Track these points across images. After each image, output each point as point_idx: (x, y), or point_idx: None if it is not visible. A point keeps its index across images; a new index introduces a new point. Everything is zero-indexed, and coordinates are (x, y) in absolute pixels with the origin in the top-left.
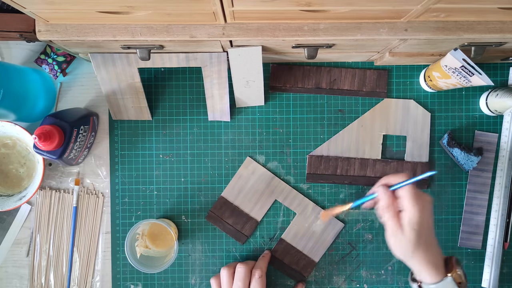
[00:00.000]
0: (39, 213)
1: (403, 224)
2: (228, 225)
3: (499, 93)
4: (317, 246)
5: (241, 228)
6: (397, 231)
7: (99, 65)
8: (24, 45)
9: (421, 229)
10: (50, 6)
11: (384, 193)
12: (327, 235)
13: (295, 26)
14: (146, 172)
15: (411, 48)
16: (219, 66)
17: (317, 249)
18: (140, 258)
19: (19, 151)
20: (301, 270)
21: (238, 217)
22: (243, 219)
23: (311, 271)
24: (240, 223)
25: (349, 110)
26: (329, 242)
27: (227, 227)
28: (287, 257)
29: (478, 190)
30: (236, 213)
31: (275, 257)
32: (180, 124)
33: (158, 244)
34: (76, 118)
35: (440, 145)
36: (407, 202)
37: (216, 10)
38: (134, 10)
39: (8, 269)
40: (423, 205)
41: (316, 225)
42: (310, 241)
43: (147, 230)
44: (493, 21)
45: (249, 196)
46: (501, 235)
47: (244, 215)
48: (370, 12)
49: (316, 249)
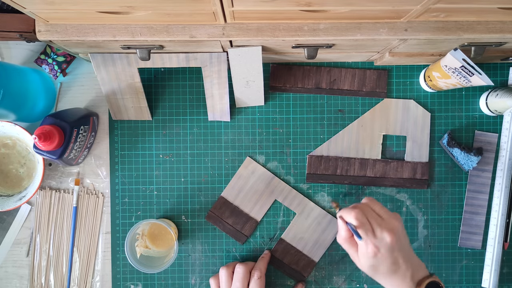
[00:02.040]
0: (39, 213)
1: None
2: (228, 225)
3: (499, 93)
4: (317, 246)
5: (241, 228)
6: (355, 259)
7: (99, 65)
8: (24, 45)
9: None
10: (50, 6)
11: (341, 227)
12: (327, 235)
13: (295, 26)
14: (146, 172)
15: (411, 48)
16: (219, 66)
17: (317, 249)
18: (140, 258)
19: (19, 151)
20: (301, 270)
21: (238, 217)
22: (243, 219)
23: (311, 271)
24: (240, 223)
25: (349, 110)
26: (329, 242)
27: (227, 227)
28: (287, 257)
29: (478, 190)
30: (236, 213)
31: (275, 257)
32: (180, 124)
33: (158, 244)
34: (76, 118)
35: (440, 145)
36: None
37: (216, 10)
38: (134, 10)
39: (8, 269)
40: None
41: (316, 226)
42: (310, 241)
43: (147, 230)
44: (493, 21)
45: (249, 196)
46: (501, 235)
47: (244, 215)
48: (370, 12)
49: (316, 249)
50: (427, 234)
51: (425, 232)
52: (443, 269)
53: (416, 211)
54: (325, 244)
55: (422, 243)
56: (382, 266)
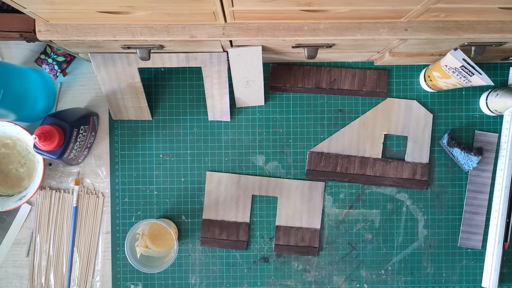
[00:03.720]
0: (39, 213)
1: None
2: (224, 241)
3: (499, 93)
4: (312, 214)
5: (237, 237)
6: None
7: (99, 65)
8: (24, 45)
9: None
10: (50, 6)
11: None
12: (315, 199)
13: (295, 26)
14: (146, 172)
15: (411, 48)
16: (219, 66)
17: (313, 217)
18: (140, 258)
19: (19, 151)
20: (310, 243)
21: (229, 228)
22: (234, 228)
23: (318, 240)
24: (233, 233)
25: (349, 110)
26: (320, 205)
27: (224, 243)
28: (291, 238)
29: (478, 190)
30: (225, 226)
31: (281, 245)
32: (180, 124)
33: (158, 244)
34: (76, 118)
35: (440, 145)
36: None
37: (216, 10)
38: (134, 10)
39: (8, 269)
40: None
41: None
42: (303, 213)
43: (147, 230)
44: (493, 21)
45: (227, 205)
46: (501, 235)
47: (233, 224)
48: (370, 12)
49: (312, 218)
50: (427, 234)
51: (425, 232)
52: (443, 269)
53: (416, 211)
54: (318, 208)
55: (422, 243)
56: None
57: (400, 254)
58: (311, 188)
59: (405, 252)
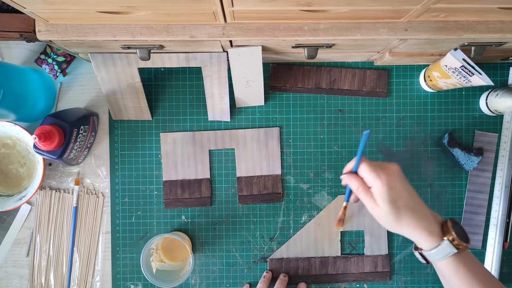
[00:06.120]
0: (39, 213)
1: (376, 198)
2: (187, 200)
3: (499, 93)
4: (270, 160)
5: (200, 194)
6: (374, 206)
7: (99, 65)
8: (24, 45)
9: (397, 198)
10: (50, 6)
11: (349, 178)
12: (271, 144)
13: (295, 26)
14: (146, 172)
15: (411, 48)
16: (219, 66)
17: (272, 162)
18: (156, 273)
19: (19, 151)
20: (273, 189)
21: (190, 187)
22: (196, 185)
23: (281, 185)
24: (195, 190)
25: (349, 110)
26: (277, 149)
27: (188, 202)
28: (254, 187)
29: (478, 190)
30: (186, 185)
31: (246, 196)
32: (180, 124)
33: (173, 257)
34: (76, 118)
35: (441, 144)
36: (369, 178)
37: (216, 10)
38: (134, 10)
39: (8, 269)
40: (388, 175)
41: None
42: (262, 160)
43: (160, 245)
44: (493, 21)
45: (185, 163)
46: (501, 235)
47: (194, 182)
48: (370, 12)
49: (271, 163)
50: None
51: None
52: None
53: None
54: (276, 154)
55: None
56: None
57: (400, 254)
58: (267, 135)
59: (405, 252)
